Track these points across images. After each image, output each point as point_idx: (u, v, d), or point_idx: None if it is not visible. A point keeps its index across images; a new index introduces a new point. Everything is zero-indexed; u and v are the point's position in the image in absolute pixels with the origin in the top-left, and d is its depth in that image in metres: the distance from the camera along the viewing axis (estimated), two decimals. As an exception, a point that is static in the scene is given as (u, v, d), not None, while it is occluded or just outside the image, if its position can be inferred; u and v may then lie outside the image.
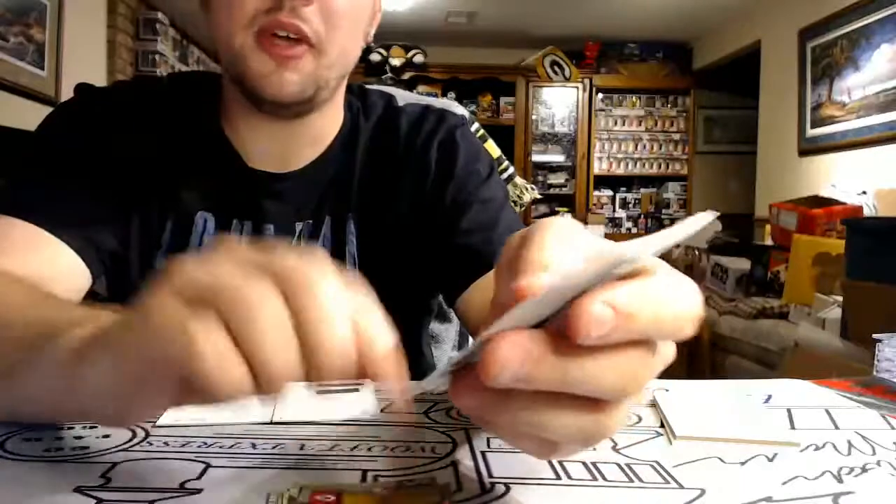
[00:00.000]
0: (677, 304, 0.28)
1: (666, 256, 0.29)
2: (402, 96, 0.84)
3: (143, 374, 0.31)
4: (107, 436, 0.44)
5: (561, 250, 0.30)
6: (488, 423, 0.30)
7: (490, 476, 0.38)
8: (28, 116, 2.77)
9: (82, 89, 0.76)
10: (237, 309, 0.27)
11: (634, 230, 6.34)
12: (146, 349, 0.30)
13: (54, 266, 0.63)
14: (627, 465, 0.40)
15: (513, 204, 1.03)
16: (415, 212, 0.75)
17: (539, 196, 1.30)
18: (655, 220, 6.36)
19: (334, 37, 0.64)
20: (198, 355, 0.26)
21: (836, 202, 3.50)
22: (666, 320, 0.27)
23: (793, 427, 0.49)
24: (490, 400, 0.28)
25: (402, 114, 0.79)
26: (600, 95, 6.27)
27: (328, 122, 0.75)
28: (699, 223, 0.28)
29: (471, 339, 1.11)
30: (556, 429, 0.28)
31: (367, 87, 0.83)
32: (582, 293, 0.26)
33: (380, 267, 0.74)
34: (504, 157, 1.10)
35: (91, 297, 0.67)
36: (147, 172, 0.71)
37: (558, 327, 0.27)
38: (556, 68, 6.05)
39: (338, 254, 0.74)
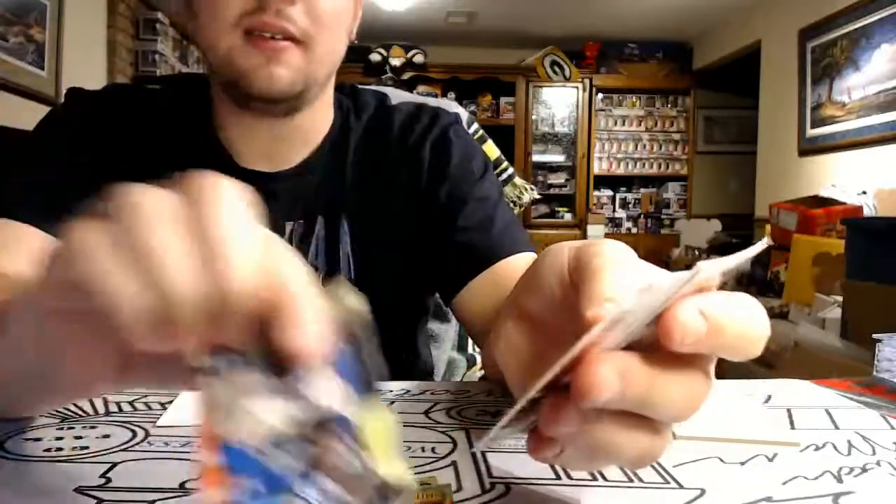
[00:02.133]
0: (756, 322, 0.28)
1: (665, 256, 0.30)
2: (396, 95, 0.84)
3: (60, 326, 0.29)
4: (107, 436, 0.44)
5: (624, 281, 0.29)
6: (574, 446, 0.30)
7: (490, 476, 0.38)
8: (28, 116, 2.77)
9: (73, 93, 0.76)
10: (133, 225, 0.25)
11: (634, 230, 6.34)
12: (53, 296, 0.28)
13: None
14: (627, 465, 0.40)
15: (512, 204, 1.03)
16: (409, 210, 0.75)
17: (539, 196, 1.30)
18: (655, 220, 6.36)
19: (321, 34, 0.65)
20: (94, 276, 0.24)
21: (836, 202, 3.50)
22: (745, 338, 0.27)
23: (793, 427, 0.49)
24: (575, 425, 0.28)
25: (394, 112, 0.79)
26: (600, 95, 6.27)
27: (318, 122, 0.75)
28: (756, 249, 0.29)
29: (470, 339, 1.11)
30: (626, 450, 0.29)
31: (360, 87, 0.83)
32: (654, 316, 0.26)
33: (375, 266, 0.74)
34: (503, 157, 1.10)
35: None
36: (138, 173, 0.71)
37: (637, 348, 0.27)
38: (556, 68, 6.05)
39: (332, 254, 0.74)
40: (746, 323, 0.27)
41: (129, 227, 0.25)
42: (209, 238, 0.25)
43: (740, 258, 0.28)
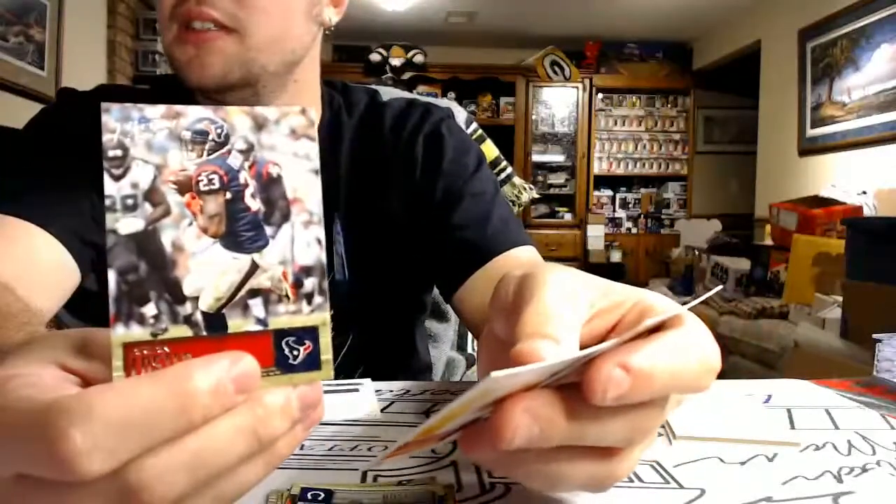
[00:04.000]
0: (695, 361, 0.28)
1: (665, 256, 0.30)
2: (386, 92, 0.83)
3: None
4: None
5: (563, 317, 0.29)
6: (500, 474, 0.30)
7: (490, 476, 0.38)
8: (28, 116, 2.76)
9: (65, 92, 0.76)
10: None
11: (634, 230, 6.34)
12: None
13: (38, 257, 0.62)
14: (627, 465, 0.40)
15: (511, 204, 1.03)
16: (404, 207, 0.74)
17: (538, 196, 1.29)
18: (655, 220, 6.36)
19: (256, 18, 0.63)
20: None
21: (836, 202, 3.50)
22: (683, 378, 0.27)
23: (793, 427, 0.49)
24: (503, 455, 0.27)
25: (386, 108, 0.78)
26: (600, 95, 6.27)
27: None
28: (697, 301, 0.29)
29: (470, 338, 1.11)
30: (570, 478, 0.29)
31: (351, 84, 0.82)
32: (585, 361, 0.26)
33: (370, 265, 0.74)
34: (502, 157, 1.10)
35: (81, 293, 0.66)
36: None
37: (571, 381, 0.27)
38: (556, 68, 6.05)
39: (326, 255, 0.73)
40: (685, 365, 0.27)
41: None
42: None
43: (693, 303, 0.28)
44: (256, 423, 0.25)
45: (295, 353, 0.27)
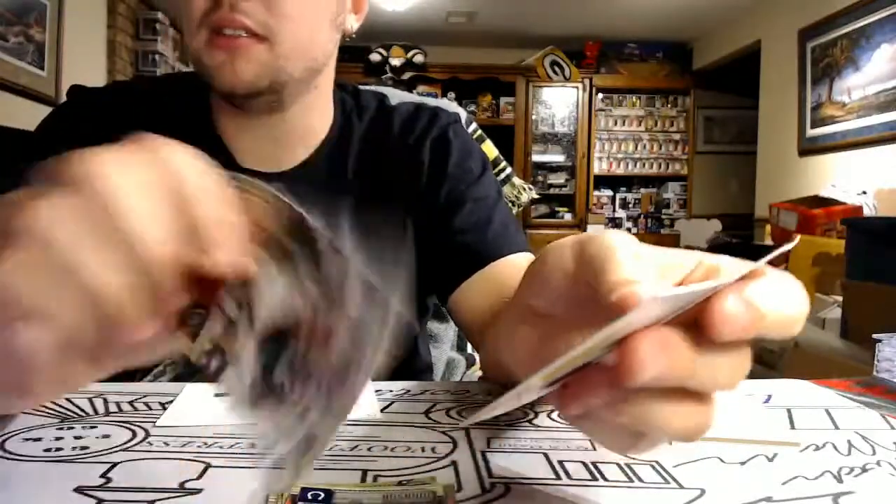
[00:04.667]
0: (795, 304, 0.28)
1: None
2: (396, 96, 0.84)
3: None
4: (107, 436, 0.44)
5: (647, 269, 0.29)
6: (599, 422, 0.29)
7: (490, 476, 0.38)
8: (28, 116, 2.77)
9: (75, 90, 0.76)
10: (107, 200, 0.25)
11: (634, 230, 6.34)
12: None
13: None
14: (627, 464, 0.40)
15: (510, 204, 1.03)
16: (409, 211, 0.75)
17: (537, 196, 1.29)
18: (655, 220, 6.37)
19: (285, 26, 0.64)
20: (73, 263, 0.24)
21: (836, 202, 3.50)
22: (786, 320, 0.28)
23: (793, 427, 0.49)
24: (613, 399, 0.27)
25: (394, 113, 0.78)
26: (600, 95, 6.27)
27: (316, 121, 0.75)
28: (781, 250, 0.30)
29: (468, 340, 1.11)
30: (675, 425, 0.28)
31: (361, 87, 0.83)
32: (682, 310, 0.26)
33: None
34: (502, 157, 1.10)
35: None
36: None
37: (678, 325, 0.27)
38: (556, 68, 6.05)
39: None
40: (786, 308, 0.28)
41: (101, 204, 0.24)
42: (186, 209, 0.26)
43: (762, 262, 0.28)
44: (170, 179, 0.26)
45: None
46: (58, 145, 0.70)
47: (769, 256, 0.28)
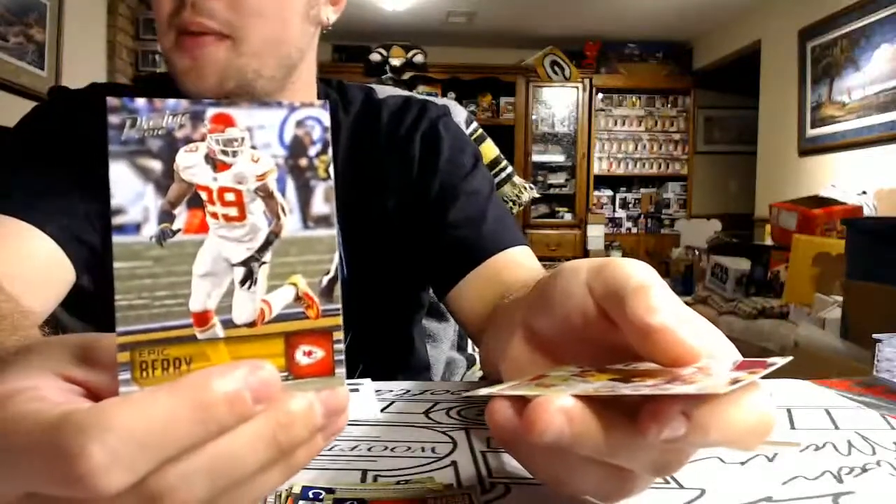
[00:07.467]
0: (754, 429, 0.26)
1: (665, 256, 0.30)
2: (382, 90, 0.83)
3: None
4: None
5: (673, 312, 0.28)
6: (513, 456, 0.30)
7: (490, 476, 0.38)
8: (28, 116, 2.76)
9: (57, 90, 0.76)
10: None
11: (634, 230, 6.34)
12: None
13: (32, 255, 0.61)
14: (627, 465, 0.40)
15: (511, 203, 1.03)
16: (400, 205, 0.74)
17: (538, 195, 1.29)
18: (655, 220, 6.37)
19: (251, 24, 0.63)
20: None
21: (836, 202, 3.50)
22: (733, 442, 0.26)
23: (793, 427, 0.49)
24: (524, 443, 0.27)
25: (382, 106, 0.78)
26: (600, 95, 6.27)
27: None
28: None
29: (468, 337, 1.10)
30: (580, 485, 0.29)
31: (346, 82, 0.82)
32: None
33: (367, 264, 0.74)
34: (502, 156, 1.10)
35: (77, 291, 0.66)
36: None
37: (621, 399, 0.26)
38: (556, 68, 6.05)
39: None
40: (736, 431, 0.26)
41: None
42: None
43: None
44: (277, 429, 0.24)
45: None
46: (36, 143, 0.69)
47: (763, 373, 0.27)
